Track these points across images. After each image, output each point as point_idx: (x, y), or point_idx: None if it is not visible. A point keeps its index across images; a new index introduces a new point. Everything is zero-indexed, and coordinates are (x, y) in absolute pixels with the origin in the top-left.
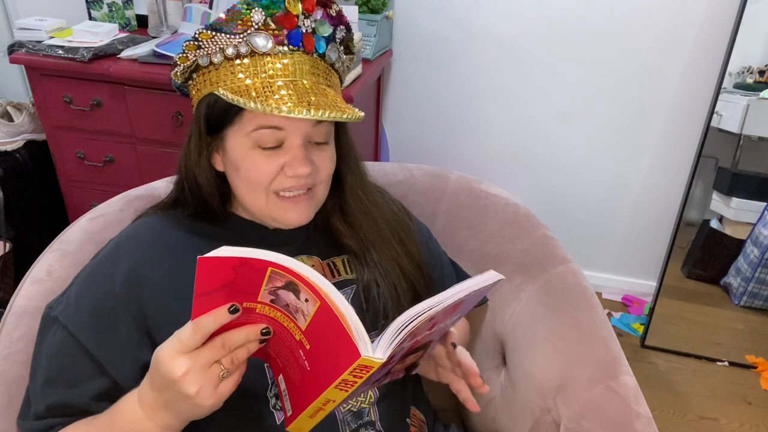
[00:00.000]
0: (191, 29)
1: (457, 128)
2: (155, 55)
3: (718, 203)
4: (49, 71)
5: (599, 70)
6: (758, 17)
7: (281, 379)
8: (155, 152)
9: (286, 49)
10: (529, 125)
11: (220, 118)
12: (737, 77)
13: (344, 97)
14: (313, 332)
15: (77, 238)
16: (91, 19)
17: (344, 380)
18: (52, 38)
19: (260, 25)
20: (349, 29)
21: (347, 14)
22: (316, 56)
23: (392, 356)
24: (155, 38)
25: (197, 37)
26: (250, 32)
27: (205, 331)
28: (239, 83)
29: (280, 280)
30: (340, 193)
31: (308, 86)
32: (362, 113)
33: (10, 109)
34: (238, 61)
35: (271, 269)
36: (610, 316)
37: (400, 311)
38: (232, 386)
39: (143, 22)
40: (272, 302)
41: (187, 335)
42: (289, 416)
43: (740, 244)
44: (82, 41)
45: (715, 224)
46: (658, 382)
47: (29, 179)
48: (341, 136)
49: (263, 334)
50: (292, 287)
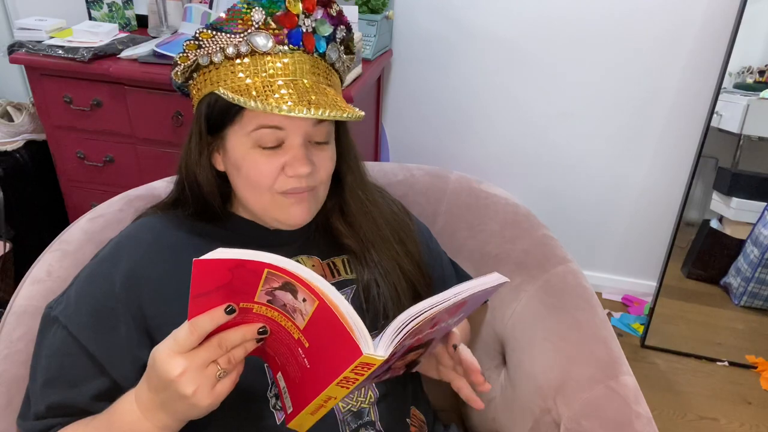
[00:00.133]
0: (191, 29)
1: (457, 128)
2: (155, 55)
3: (718, 203)
4: (49, 71)
5: (599, 70)
6: (758, 17)
7: (280, 377)
8: (155, 152)
9: (286, 48)
10: (529, 125)
11: (220, 117)
12: (737, 77)
13: (344, 96)
14: (312, 331)
15: (77, 238)
16: (91, 19)
17: (346, 377)
18: (52, 38)
19: (260, 24)
20: (349, 29)
21: (347, 14)
22: (316, 56)
23: (393, 353)
24: (155, 38)
25: (198, 36)
26: (250, 31)
27: (201, 331)
28: (239, 82)
29: (276, 280)
30: (340, 193)
31: (308, 85)
32: (362, 112)
33: (10, 109)
34: (238, 60)
35: (267, 270)
36: (610, 316)
37: (400, 311)
38: (229, 386)
39: (143, 22)
40: (269, 302)
41: (183, 335)
42: (289, 413)
43: (740, 244)
44: (82, 41)
45: (715, 224)
46: (658, 382)
47: (29, 179)
48: (341, 135)
49: (260, 333)
50: (289, 287)
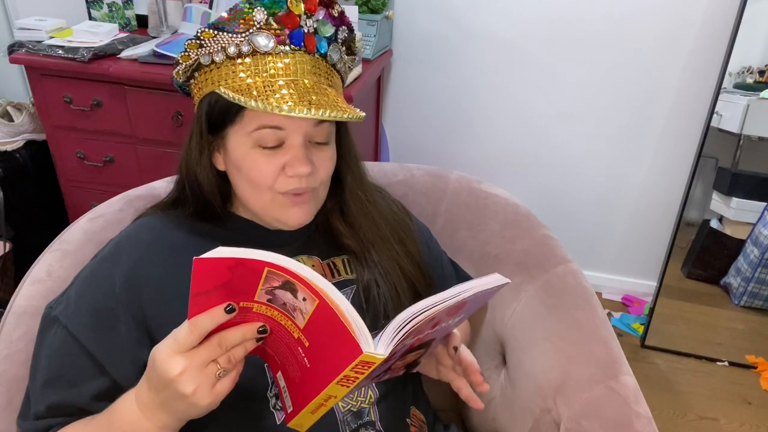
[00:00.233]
0: (191, 29)
1: (457, 128)
2: (155, 55)
3: (718, 203)
4: (49, 71)
5: (599, 70)
6: (758, 17)
7: (280, 376)
8: (155, 152)
9: (287, 48)
10: (529, 125)
11: (221, 116)
12: (737, 77)
13: (344, 96)
14: (312, 330)
15: (77, 238)
16: (91, 19)
17: (346, 376)
18: (52, 38)
19: (262, 24)
20: (351, 30)
21: (347, 14)
22: (317, 56)
23: (394, 353)
24: (155, 38)
25: (199, 35)
26: (252, 31)
27: (201, 330)
28: (240, 82)
29: (276, 279)
30: (340, 193)
31: (309, 86)
32: (363, 113)
33: (10, 109)
34: (239, 60)
35: (267, 269)
36: (610, 316)
37: (400, 311)
38: (229, 385)
39: (143, 22)
40: (269, 301)
41: (183, 335)
42: (289, 413)
43: (740, 244)
44: (82, 41)
45: (715, 224)
46: (658, 382)
47: (29, 179)
48: (342, 136)
49: (260, 332)
50: (289, 287)
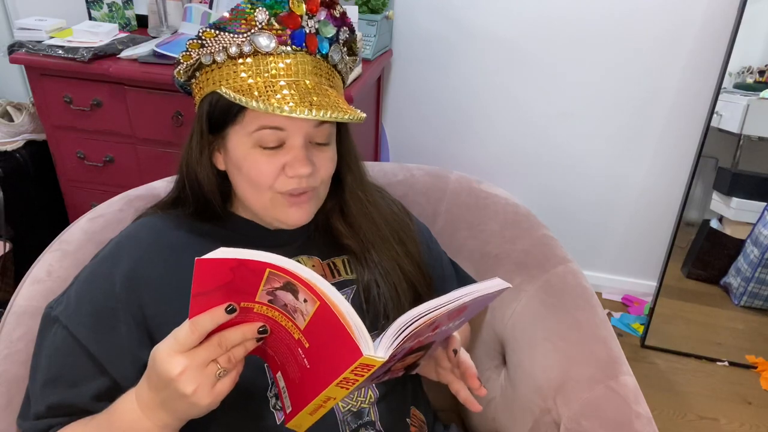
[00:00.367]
0: (191, 29)
1: (457, 128)
2: (155, 55)
3: (718, 203)
4: (49, 71)
5: (599, 70)
6: (758, 17)
7: (279, 376)
8: (155, 152)
9: (289, 49)
10: (529, 125)
11: (222, 116)
12: (737, 77)
13: (344, 97)
14: (312, 331)
15: (77, 238)
16: (91, 19)
17: (345, 378)
18: (52, 38)
19: (264, 24)
20: (352, 30)
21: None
22: (318, 57)
23: (394, 355)
24: (155, 38)
25: (201, 35)
26: (253, 32)
27: (202, 330)
28: (242, 82)
29: (278, 281)
30: (340, 193)
31: (310, 86)
32: (364, 114)
33: (10, 109)
34: (240, 60)
35: (269, 270)
36: (610, 316)
37: (400, 312)
38: (229, 385)
39: (143, 22)
40: (270, 302)
41: (183, 334)
42: (288, 413)
43: (740, 244)
44: (82, 41)
45: (715, 224)
46: (658, 382)
47: (29, 179)
48: (342, 137)
49: (260, 332)
50: (290, 288)
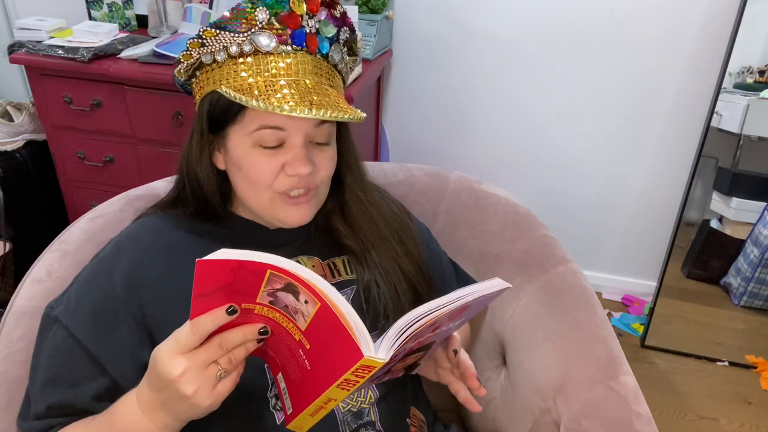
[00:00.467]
0: (191, 29)
1: (457, 128)
2: (155, 55)
3: (718, 203)
4: (49, 71)
5: (599, 70)
6: (758, 17)
7: (280, 377)
8: (155, 152)
9: (289, 48)
10: (529, 125)
11: (222, 116)
12: (737, 77)
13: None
14: (313, 333)
15: (77, 238)
16: (91, 19)
17: (346, 380)
18: (52, 38)
19: (264, 24)
20: (353, 30)
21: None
22: (319, 57)
23: (394, 356)
24: (155, 38)
25: (201, 34)
26: (253, 31)
27: (203, 331)
28: (242, 81)
29: (279, 282)
30: (340, 193)
31: (310, 86)
32: (364, 114)
33: (10, 109)
34: (241, 59)
35: (270, 272)
36: (610, 316)
37: (400, 312)
38: (230, 386)
39: (143, 22)
40: (271, 303)
41: (184, 335)
42: (289, 414)
43: (740, 244)
44: (82, 41)
45: (715, 224)
46: (658, 382)
47: (29, 179)
48: (343, 136)
49: (261, 333)
50: (291, 289)
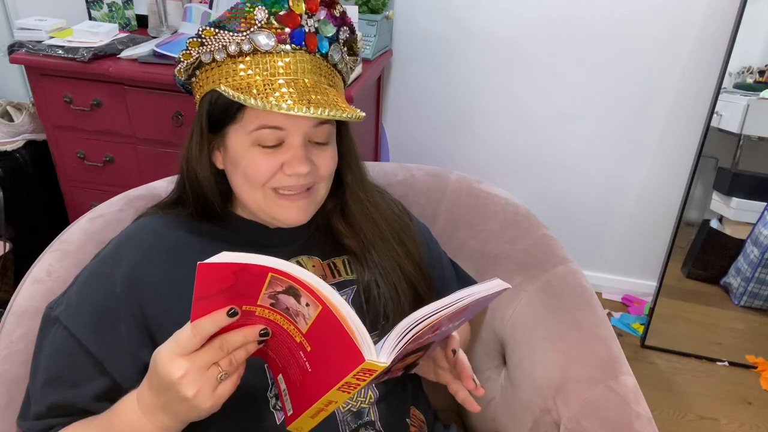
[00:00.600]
0: (191, 29)
1: (457, 128)
2: (155, 55)
3: (718, 203)
4: (49, 71)
5: (599, 70)
6: (758, 17)
7: (281, 378)
8: (155, 152)
9: (288, 47)
10: (529, 125)
11: (221, 115)
12: (737, 77)
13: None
14: (314, 335)
15: (77, 238)
16: (91, 19)
17: (347, 383)
18: (52, 38)
19: (263, 23)
20: (353, 30)
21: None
22: (318, 56)
23: (394, 358)
24: (155, 38)
25: (201, 34)
26: (253, 30)
27: (203, 333)
28: (241, 80)
29: (280, 284)
30: (340, 193)
31: (309, 85)
32: (363, 113)
33: (10, 109)
34: (240, 58)
35: (271, 274)
36: (610, 316)
37: (400, 312)
38: (230, 388)
39: (143, 22)
40: (272, 306)
41: (185, 337)
42: (289, 416)
43: (740, 244)
44: (82, 41)
45: (715, 224)
46: (658, 382)
47: (29, 179)
48: (343, 136)
49: (261, 335)
50: (292, 292)
